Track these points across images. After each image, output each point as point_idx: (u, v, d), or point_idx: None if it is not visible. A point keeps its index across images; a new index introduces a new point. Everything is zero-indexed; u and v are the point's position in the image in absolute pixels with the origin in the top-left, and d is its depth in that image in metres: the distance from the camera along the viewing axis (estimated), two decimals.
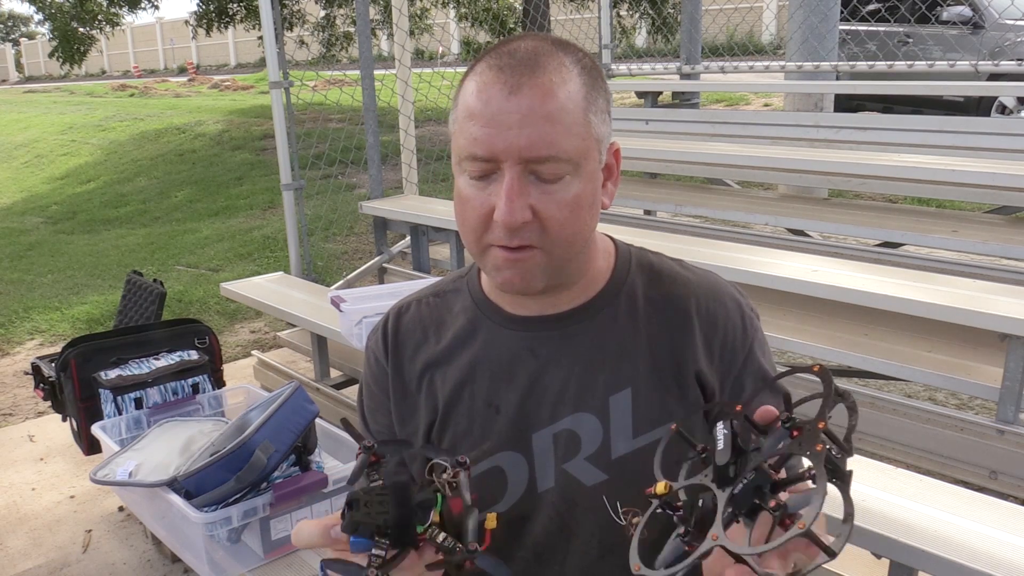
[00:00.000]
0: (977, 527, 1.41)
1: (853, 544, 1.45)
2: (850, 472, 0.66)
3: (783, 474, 0.67)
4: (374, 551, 0.69)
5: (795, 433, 0.67)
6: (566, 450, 0.97)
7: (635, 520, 0.72)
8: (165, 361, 2.66)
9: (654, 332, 0.97)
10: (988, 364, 2.26)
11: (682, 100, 5.47)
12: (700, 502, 0.68)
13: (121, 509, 2.85)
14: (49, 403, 2.83)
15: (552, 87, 0.86)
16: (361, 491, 0.71)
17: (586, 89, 0.88)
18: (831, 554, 0.61)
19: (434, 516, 0.71)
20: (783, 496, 0.64)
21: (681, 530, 0.69)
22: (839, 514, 0.62)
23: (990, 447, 2.18)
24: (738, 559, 0.64)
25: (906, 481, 1.58)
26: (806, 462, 0.65)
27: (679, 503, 0.70)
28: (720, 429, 0.69)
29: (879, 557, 1.51)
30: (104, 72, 35.40)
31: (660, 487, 0.71)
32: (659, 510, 0.71)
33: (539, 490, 0.98)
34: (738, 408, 0.70)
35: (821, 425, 0.66)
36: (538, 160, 0.85)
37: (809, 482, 0.64)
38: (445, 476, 0.72)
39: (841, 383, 2.55)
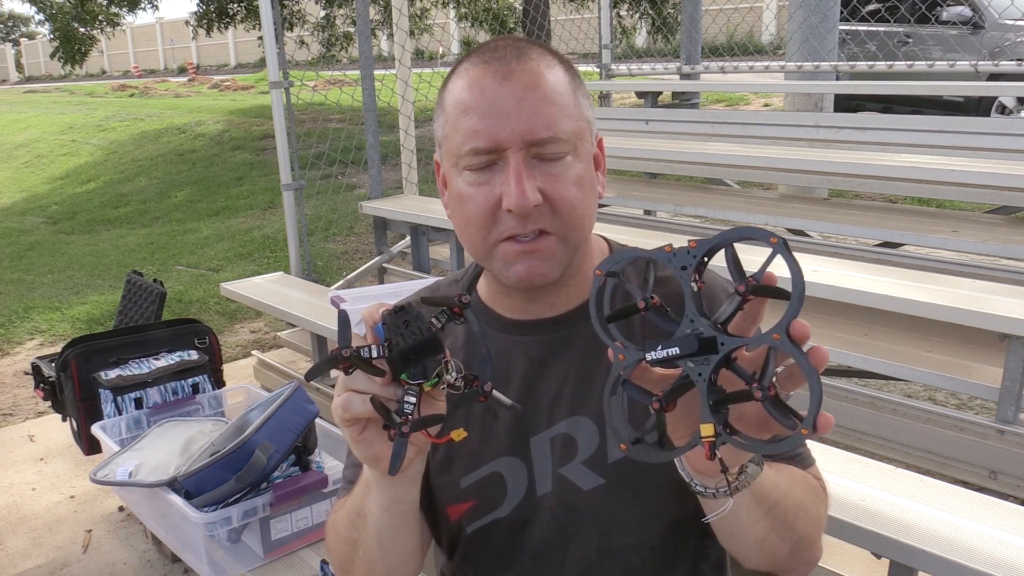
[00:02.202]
0: (977, 527, 1.41)
1: (853, 544, 1.45)
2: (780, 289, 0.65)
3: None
4: (372, 349, 0.72)
5: (748, 297, 0.66)
6: (563, 454, 0.96)
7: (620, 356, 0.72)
8: (165, 361, 2.66)
9: (650, 333, 0.97)
10: (988, 364, 2.26)
11: (682, 100, 5.47)
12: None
13: (121, 509, 2.84)
14: (49, 403, 2.83)
15: (540, 70, 0.88)
16: (421, 309, 0.73)
17: (569, 74, 0.91)
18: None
19: (423, 385, 0.73)
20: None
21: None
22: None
23: (990, 447, 2.18)
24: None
25: (906, 481, 1.58)
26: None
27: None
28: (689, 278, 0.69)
29: (879, 557, 1.51)
30: (104, 72, 35.40)
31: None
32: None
33: (538, 494, 0.97)
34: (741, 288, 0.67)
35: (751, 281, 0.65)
36: (540, 142, 0.86)
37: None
38: (450, 377, 0.74)
39: (841, 383, 2.55)
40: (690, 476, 0.78)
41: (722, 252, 0.68)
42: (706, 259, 0.68)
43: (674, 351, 0.67)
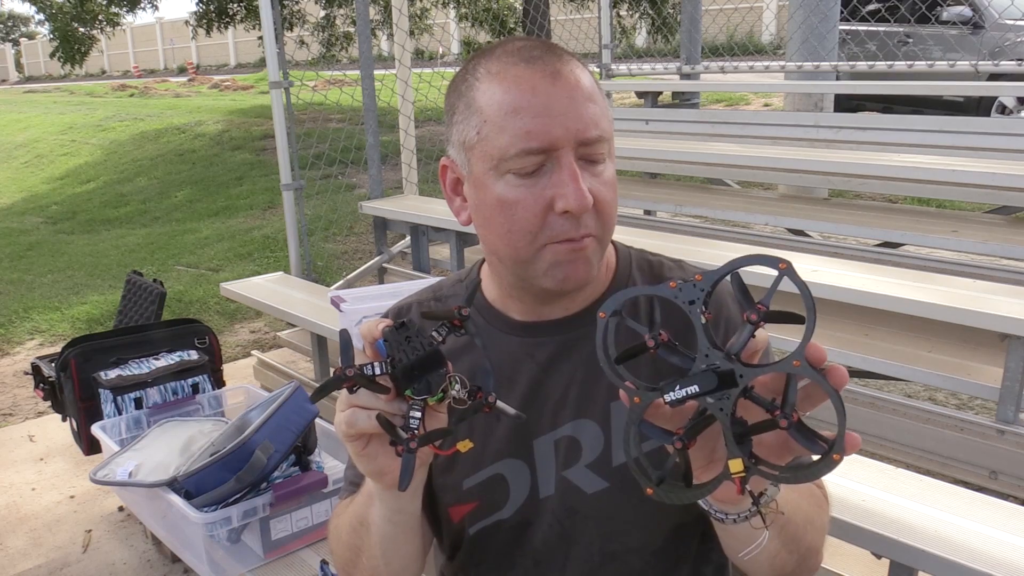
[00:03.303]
0: (977, 527, 1.41)
1: (853, 544, 1.45)
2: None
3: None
4: (375, 366, 0.72)
5: (760, 324, 0.66)
6: (567, 457, 0.96)
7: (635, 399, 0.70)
8: (165, 361, 2.66)
9: (660, 364, 0.97)
10: (988, 364, 2.26)
11: (682, 100, 5.47)
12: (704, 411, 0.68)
13: (121, 509, 2.84)
14: (49, 403, 2.83)
15: (579, 71, 0.88)
16: (420, 324, 0.73)
17: (592, 76, 0.91)
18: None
19: (428, 400, 0.73)
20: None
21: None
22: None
23: (990, 447, 2.18)
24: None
25: (906, 481, 1.58)
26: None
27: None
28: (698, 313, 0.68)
29: (879, 557, 1.51)
30: (104, 72, 35.38)
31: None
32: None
33: (540, 496, 0.97)
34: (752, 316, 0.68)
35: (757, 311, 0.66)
36: (589, 142, 0.85)
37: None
38: (455, 392, 0.73)
39: None
40: (709, 504, 0.76)
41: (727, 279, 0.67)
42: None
43: (693, 389, 0.66)
